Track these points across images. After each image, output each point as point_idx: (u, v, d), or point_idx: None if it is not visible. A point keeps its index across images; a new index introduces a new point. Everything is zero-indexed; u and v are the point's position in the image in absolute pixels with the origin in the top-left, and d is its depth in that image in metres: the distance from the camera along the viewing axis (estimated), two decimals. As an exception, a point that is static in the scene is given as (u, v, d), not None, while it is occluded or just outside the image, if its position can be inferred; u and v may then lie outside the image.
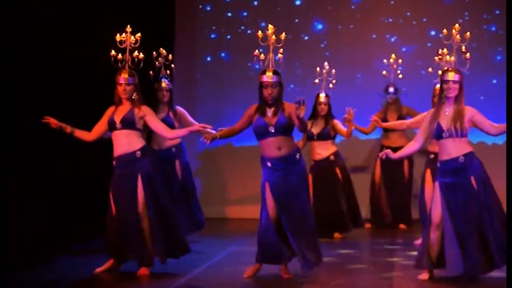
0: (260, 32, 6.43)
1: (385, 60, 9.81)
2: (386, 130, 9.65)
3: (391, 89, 9.80)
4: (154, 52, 8.23)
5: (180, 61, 10.72)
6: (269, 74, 6.35)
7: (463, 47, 6.45)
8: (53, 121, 6.59)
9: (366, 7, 10.84)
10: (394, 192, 9.74)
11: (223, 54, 11.08)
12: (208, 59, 11.09)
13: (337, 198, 8.79)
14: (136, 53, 6.64)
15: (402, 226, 9.67)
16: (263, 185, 6.39)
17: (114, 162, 6.57)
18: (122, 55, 6.60)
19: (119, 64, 6.58)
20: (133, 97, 6.58)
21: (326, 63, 8.86)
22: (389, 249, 8.27)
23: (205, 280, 6.53)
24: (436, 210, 6.22)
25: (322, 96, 8.89)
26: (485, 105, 9.96)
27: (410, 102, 10.53)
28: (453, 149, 6.21)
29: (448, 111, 6.26)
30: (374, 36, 10.84)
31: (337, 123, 8.93)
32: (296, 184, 6.31)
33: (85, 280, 6.35)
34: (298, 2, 10.98)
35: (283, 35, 6.46)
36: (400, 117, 9.63)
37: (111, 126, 6.56)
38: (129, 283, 6.35)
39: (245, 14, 11.04)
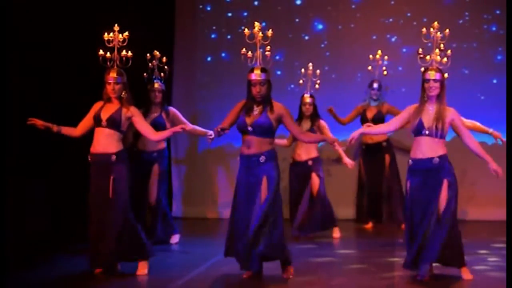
0: (246, 29, 6.44)
1: (370, 56, 9.84)
2: (363, 125, 9.64)
3: (375, 85, 9.80)
4: (148, 54, 8.26)
5: (180, 61, 10.73)
6: (257, 72, 6.38)
7: (441, 45, 6.56)
8: (38, 122, 6.55)
9: (367, 7, 10.84)
10: (377, 192, 9.70)
11: (223, 54, 11.07)
12: (208, 59, 11.09)
13: (309, 203, 8.73)
14: (124, 52, 6.63)
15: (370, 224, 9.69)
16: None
17: (89, 157, 6.53)
18: (110, 53, 6.59)
19: (108, 63, 6.57)
20: (122, 96, 6.58)
21: (310, 64, 8.94)
22: (389, 249, 8.26)
23: (204, 281, 6.53)
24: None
25: (307, 96, 8.91)
26: (485, 105, 9.98)
27: (411, 102, 10.51)
28: (429, 148, 6.24)
29: (431, 109, 6.30)
30: (374, 36, 10.83)
31: (324, 126, 8.89)
32: (253, 185, 6.32)
33: (85, 280, 6.33)
34: (298, 2, 10.97)
35: (269, 32, 6.45)
36: (379, 114, 9.64)
37: (97, 121, 6.54)
38: (129, 283, 6.34)
39: (245, 14, 11.04)
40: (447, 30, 6.62)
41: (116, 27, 6.67)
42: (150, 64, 8.31)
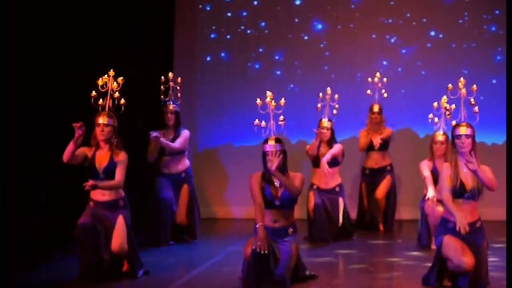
0: (259, 100, 6.28)
1: (369, 79, 9.71)
2: (368, 151, 9.62)
3: (376, 109, 9.58)
4: (162, 77, 8.32)
5: (180, 61, 10.73)
6: (271, 143, 6.21)
7: (472, 100, 6.27)
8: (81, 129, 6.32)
9: (366, 7, 10.83)
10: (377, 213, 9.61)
11: (223, 54, 11.07)
12: (208, 59, 11.08)
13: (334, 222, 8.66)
14: (116, 94, 6.51)
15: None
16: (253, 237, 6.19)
17: (91, 203, 6.41)
18: (103, 98, 6.47)
19: (99, 107, 6.46)
20: (111, 140, 6.44)
21: (328, 88, 8.75)
22: (388, 249, 8.27)
23: (204, 281, 6.53)
24: (459, 250, 5.92)
25: (325, 121, 8.66)
26: (485, 105, 9.95)
27: (410, 103, 10.54)
28: (470, 212, 6.02)
29: (466, 169, 5.98)
30: (373, 36, 10.83)
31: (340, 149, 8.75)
32: (285, 246, 6.17)
33: (84, 280, 6.32)
34: (298, 2, 10.97)
35: (282, 101, 6.31)
36: (385, 139, 9.55)
37: (93, 173, 6.38)
38: (129, 283, 6.34)
39: (245, 14, 11.03)
40: (474, 86, 6.38)
41: (111, 72, 6.57)
42: (162, 86, 8.36)
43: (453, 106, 6.64)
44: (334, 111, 8.73)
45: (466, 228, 5.80)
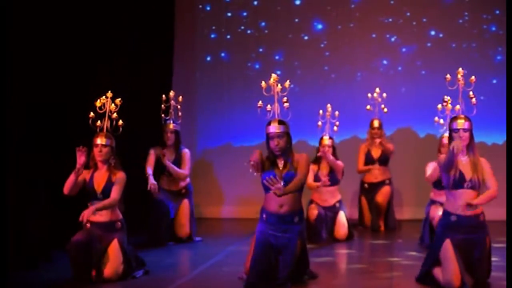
0: (263, 82, 6.22)
1: (369, 94, 9.68)
2: (368, 165, 9.59)
3: (376, 124, 9.56)
4: (163, 96, 8.33)
5: (180, 61, 10.73)
6: (274, 124, 6.12)
7: (471, 93, 6.23)
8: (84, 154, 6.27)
9: (366, 7, 10.83)
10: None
11: (223, 54, 11.07)
12: (208, 58, 11.09)
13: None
14: (115, 114, 6.46)
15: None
16: (256, 233, 6.18)
17: (87, 225, 6.35)
18: (101, 120, 6.44)
19: (97, 128, 6.43)
20: (109, 161, 6.43)
21: (328, 105, 8.68)
22: (388, 249, 8.27)
23: (204, 281, 6.53)
24: (451, 268, 5.88)
25: (326, 138, 8.60)
26: (485, 105, 9.96)
27: (410, 102, 10.54)
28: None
29: (464, 160, 5.99)
30: (373, 35, 10.83)
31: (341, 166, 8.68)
32: (284, 245, 6.09)
33: (84, 280, 6.31)
34: (297, 2, 10.97)
35: (287, 83, 6.25)
36: (384, 153, 9.56)
37: (92, 195, 6.37)
38: (128, 283, 6.34)
39: (245, 14, 11.04)
40: (473, 77, 6.35)
41: (109, 94, 6.52)
42: (163, 105, 8.37)
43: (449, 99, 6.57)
44: (335, 128, 8.64)
45: (459, 147, 5.77)
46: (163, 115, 8.40)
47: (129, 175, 6.54)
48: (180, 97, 8.48)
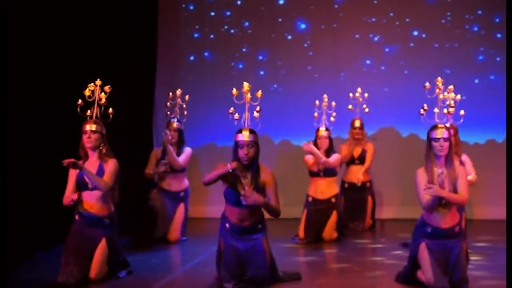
0: (234, 90, 6.10)
1: (351, 94, 9.67)
2: (348, 165, 9.63)
3: (358, 124, 9.59)
4: (170, 93, 8.41)
5: (164, 60, 10.71)
6: (245, 133, 6.03)
7: (452, 103, 6.12)
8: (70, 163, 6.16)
9: (349, 7, 10.86)
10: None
11: (206, 54, 11.07)
12: (192, 58, 11.08)
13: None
14: (103, 100, 6.35)
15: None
16: (221, 238, 6.22)
17: (76, 216, 6.30)
18: (90, 108, 6.34)
19: (87, 115, 6.32)
20: (100, 148, 6.32)
21: (325, 95, 8.58)
22: (372, 249, 8.30)
23: (187, 280, 6.53)
24: (427, 268, 5.89)
25: (322, 130, 8.53)
26: (467, 104, 9.99)
27: (393, 101, 10.58)
28: (450, 217, 5.92)
29: (440, 171, 5.88)
30: (357, 35, 10.86)
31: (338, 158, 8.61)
32: (248, 249, 6.09)
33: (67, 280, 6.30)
34: (281, 2, 10.98)
35: (259, 93, 6.08)
36: (364, 153, 9.55)
37: (82, 185, 6.24)
38: (112, 283, 6.32)
39: (228, 13, 11.03)
40: (451, 87, 6.29)
41: (98, 82, 6.43)
42: (168, 103, 8.42)
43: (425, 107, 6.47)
44: (332, 119, 8.54)
45: (442, 193, 5.73)
46: (168, 113, 8.43)
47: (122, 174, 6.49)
48: (187, 96, 8.48)
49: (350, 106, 9.61)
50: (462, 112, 6.23)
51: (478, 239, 8.35)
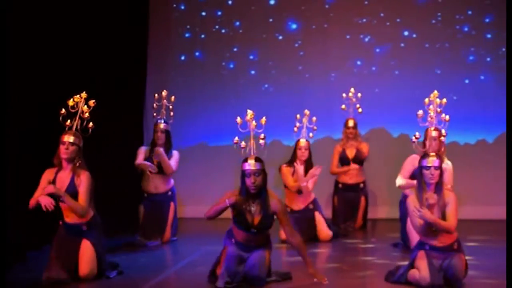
0: (239, 118, 6.06)
1: (344, 94, 9.68)
2: (343, 165, 9.60)
3: (351, 123, 9.59)
4: (156, 95, 8.37)
5: (154, 60, 10.70)
6: (251, 161, 6.04)
7: (447, 117, 6.26)
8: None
9: (340, 7, 10.86)
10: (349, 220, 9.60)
11: (197, 53, 11.05)
12: (182, 58, 11.06)
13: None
14: (86, 114, 6.30)
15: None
16: (224, 247, 6.26)
17: (60, 222, 6.34)
18: (71, 121, 6.29)
19: (66, 126, 6.28)
20: (75, 161, 6.27)
21: (306, 111, 8.45)
22: (363, 248, 8.30)
23: (178, 280, 6.52)
24: (423, 267, 5.96)
25: (303, 141, 8.47)
26: (458, 104, 10.05)
27: (384, 102, 10.59)
28: (443, 237, 5.99)
29: (430, 199, 5.93)
30: (348, 36, 10.87)
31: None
32: (254, 264, 6.11)
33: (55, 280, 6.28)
34: (272, 2, 10.98)
35: (263, 120, 6.08)
36: (359, 153, 9.56)
37: (56, 197, 6.15)
38: (102, 282, 6.31)
39: (219, 13, 11.02)
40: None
41: (84, 95, 6.37)
42: (155, 104, 8.41)
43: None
44: (311, 134, 8.45)
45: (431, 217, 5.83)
46: (154, 114, 8.41)
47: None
48: (173, 97, 8.48)
49: (343, 106, 9.62)
50: (447, 117, 6.32)
51: (468, 238, 8.36)
